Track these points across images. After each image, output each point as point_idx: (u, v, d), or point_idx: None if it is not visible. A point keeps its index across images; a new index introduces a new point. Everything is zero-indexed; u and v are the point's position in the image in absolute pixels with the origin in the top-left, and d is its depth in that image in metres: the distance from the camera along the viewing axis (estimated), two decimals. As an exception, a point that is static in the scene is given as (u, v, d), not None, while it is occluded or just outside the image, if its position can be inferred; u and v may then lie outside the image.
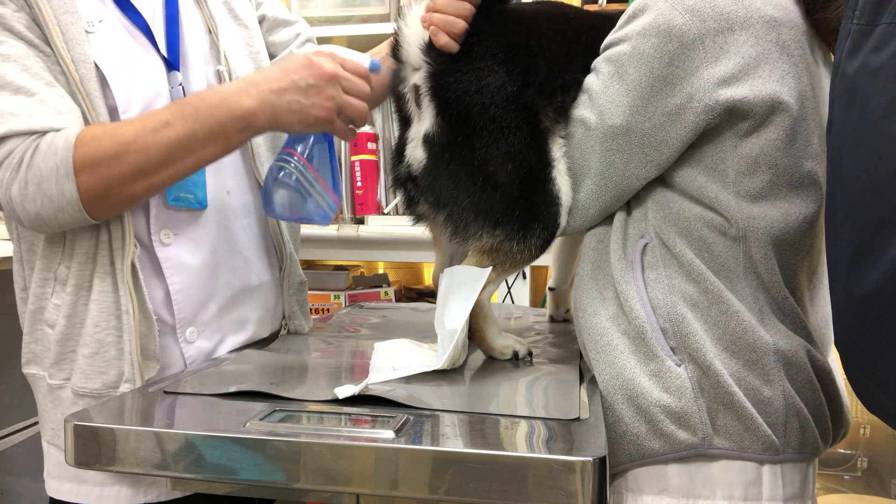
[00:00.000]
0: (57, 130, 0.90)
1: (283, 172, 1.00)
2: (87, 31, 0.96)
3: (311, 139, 1.01)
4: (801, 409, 0.85)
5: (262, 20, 1.25)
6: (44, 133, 0.89)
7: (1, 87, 0.90)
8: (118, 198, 0.91)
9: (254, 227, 1.15)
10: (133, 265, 0.96)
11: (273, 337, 1.21)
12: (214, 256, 1.07)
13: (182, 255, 1.03)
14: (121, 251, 0.96)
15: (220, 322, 1.09)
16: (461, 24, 0.92)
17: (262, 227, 1.17)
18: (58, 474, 1.00)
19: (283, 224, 1.20)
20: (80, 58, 0.94)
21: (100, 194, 0.89)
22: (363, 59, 0.98)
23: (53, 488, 1.00)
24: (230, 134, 0.92)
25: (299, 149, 1.01)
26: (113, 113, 0.97)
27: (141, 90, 1.00)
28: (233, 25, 1.17)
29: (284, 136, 1.05)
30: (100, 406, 0.82)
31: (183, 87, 1.04)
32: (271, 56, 1.26)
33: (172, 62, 1.04)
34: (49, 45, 0.93)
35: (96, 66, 0.95)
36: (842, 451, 2.17)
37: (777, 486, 0.84)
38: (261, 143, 1.16)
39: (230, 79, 1.10)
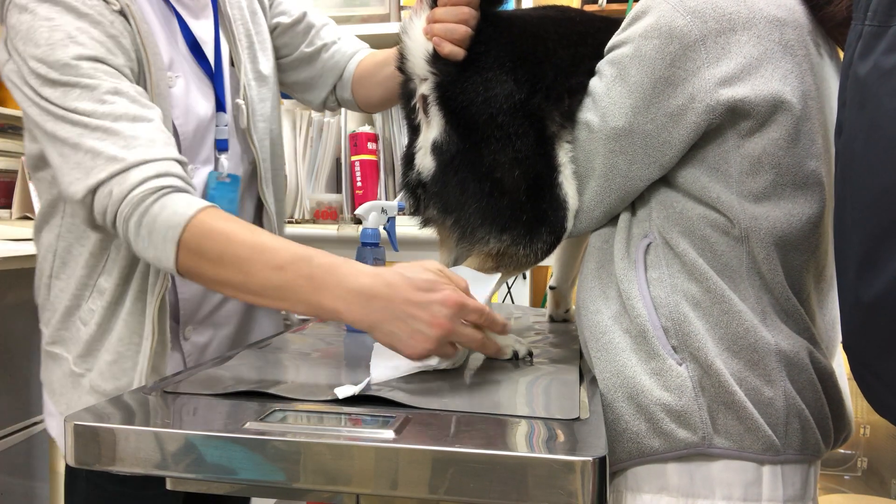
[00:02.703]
0: (178, 161, 0.96)
1: None
2: (168, 86, 1.05)
3: None
4: (803, 411, 0.85)
5: (275, 28, 1.31)
6: (174, 179, 0.93)
7: (119, 118, 0.94)
8: (201, 282, 0.95)
9: None
10: (163, 299, 1.05)
11: (270, 335, 1.26)
12: None
13: None
14: (155, 286, 1.05)
15: (213, 318, 1.20)
16: (463, 30, 0.92)
17: None
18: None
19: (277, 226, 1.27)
20: (163, 112, 1.02)
21: (190, 273, 0.93)
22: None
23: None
24: (321, 312, 0.88)
25: None
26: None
27: (198, 138, 1.10)
28: (250, 57, 1.23)
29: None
30: (100, 406, 0.82)
31: (226, 128, 1.14)
32: (285, 56, 1.33)
33: (222, 102, 1.13)
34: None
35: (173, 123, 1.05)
36: (842, 451, 2.17)
37: (777, 486, 0.84)
38: (268, 168, 1.24)
39: (248, 112, 1.18)
